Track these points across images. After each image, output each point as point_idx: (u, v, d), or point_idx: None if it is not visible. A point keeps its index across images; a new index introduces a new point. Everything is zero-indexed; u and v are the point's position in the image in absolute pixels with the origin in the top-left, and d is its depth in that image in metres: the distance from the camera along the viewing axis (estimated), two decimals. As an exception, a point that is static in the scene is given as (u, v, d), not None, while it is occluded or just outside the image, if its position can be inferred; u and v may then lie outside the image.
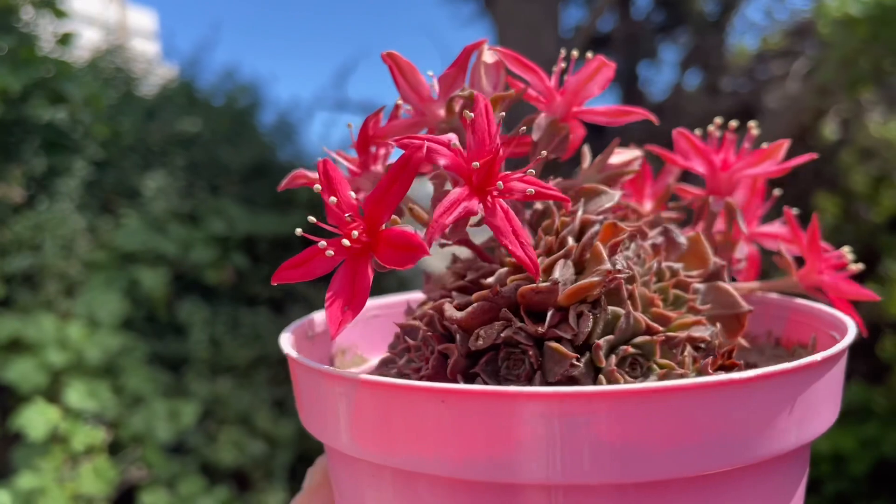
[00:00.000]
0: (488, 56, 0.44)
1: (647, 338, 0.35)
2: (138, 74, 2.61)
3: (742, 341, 0.43)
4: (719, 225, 0.49)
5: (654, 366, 0.35)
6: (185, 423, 1.84)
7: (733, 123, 0.47)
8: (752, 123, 0.47)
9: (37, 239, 1.82)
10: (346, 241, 0.34)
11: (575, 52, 0.44)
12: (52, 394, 1.74)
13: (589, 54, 0.44)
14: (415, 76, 0.43)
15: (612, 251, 0.37)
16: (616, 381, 0.34)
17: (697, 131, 0.47)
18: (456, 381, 0.37)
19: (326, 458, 0.43)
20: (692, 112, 3.33)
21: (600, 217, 0.40)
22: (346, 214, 0.35)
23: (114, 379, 1.82)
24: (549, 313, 0.35)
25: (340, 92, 3.08)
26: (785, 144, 0.45)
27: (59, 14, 1.77)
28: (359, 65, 3.10)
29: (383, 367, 0.43)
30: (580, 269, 0.37)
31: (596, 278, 0.35)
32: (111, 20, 3.84)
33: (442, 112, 0.44)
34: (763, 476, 0.32)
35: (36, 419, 1.65)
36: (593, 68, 0.43)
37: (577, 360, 0.35)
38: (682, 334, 0.36)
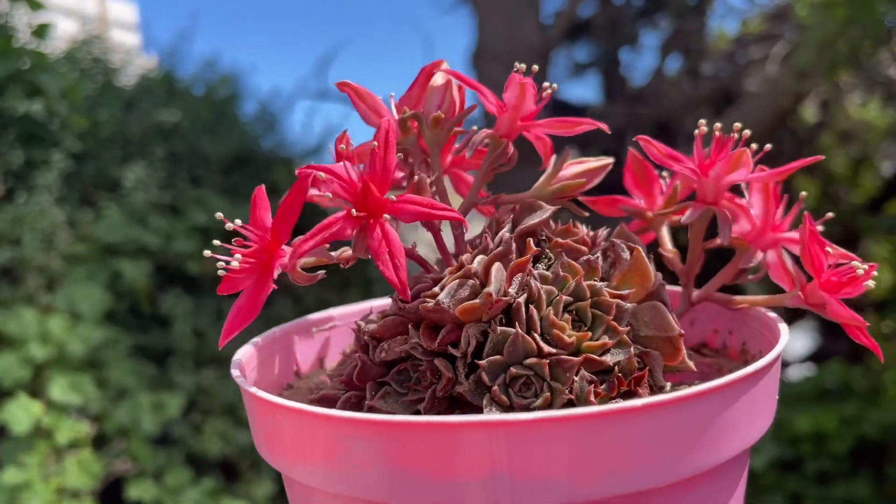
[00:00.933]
0: (438, 78, 0.45)
1: (535, 360, 0.35)
2: (117, 65, 2.58)
3: (683, 362, 0.40)
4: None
5: (546, 388, 0.35)
6: (171, 414, 1.84)
7: (702, 122, 0.44)
8: (737, 125, 0.44)
9: (16, 232, 1.80)
10: (234, 263, 0.38)
11: (523, 66, 0.44)
12: (34, 388, 1.73)
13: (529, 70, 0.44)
14: (373, 100, 0.46)
15: (514, 272, 0.37)
16: (501, 402, 0.34)
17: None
18: (362, 388, 0.39)
19: None
20: (673, 97, 3.34)
21: (509, 236, 0.39)
22: (253, 236, 0.39)
23: (97, 372, 1.81)
24: (443, 330, 0.36)
25: (322, 81, 3.07)
26: (748, 152, 0.42)
27: (35, 5, 1.75)
28: (340, 54, 3.09)
29: (339, 367, 0.45)
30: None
31: (478, 301, 0.36)
32: (91, 12, 3.80)
33: (399, 133, 0.45)
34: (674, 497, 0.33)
35: (19, 414, 1.65)
36: (519, 86, 0.43)
37: (464, 377, 0.36)
38: (577, 358, 0.35)
